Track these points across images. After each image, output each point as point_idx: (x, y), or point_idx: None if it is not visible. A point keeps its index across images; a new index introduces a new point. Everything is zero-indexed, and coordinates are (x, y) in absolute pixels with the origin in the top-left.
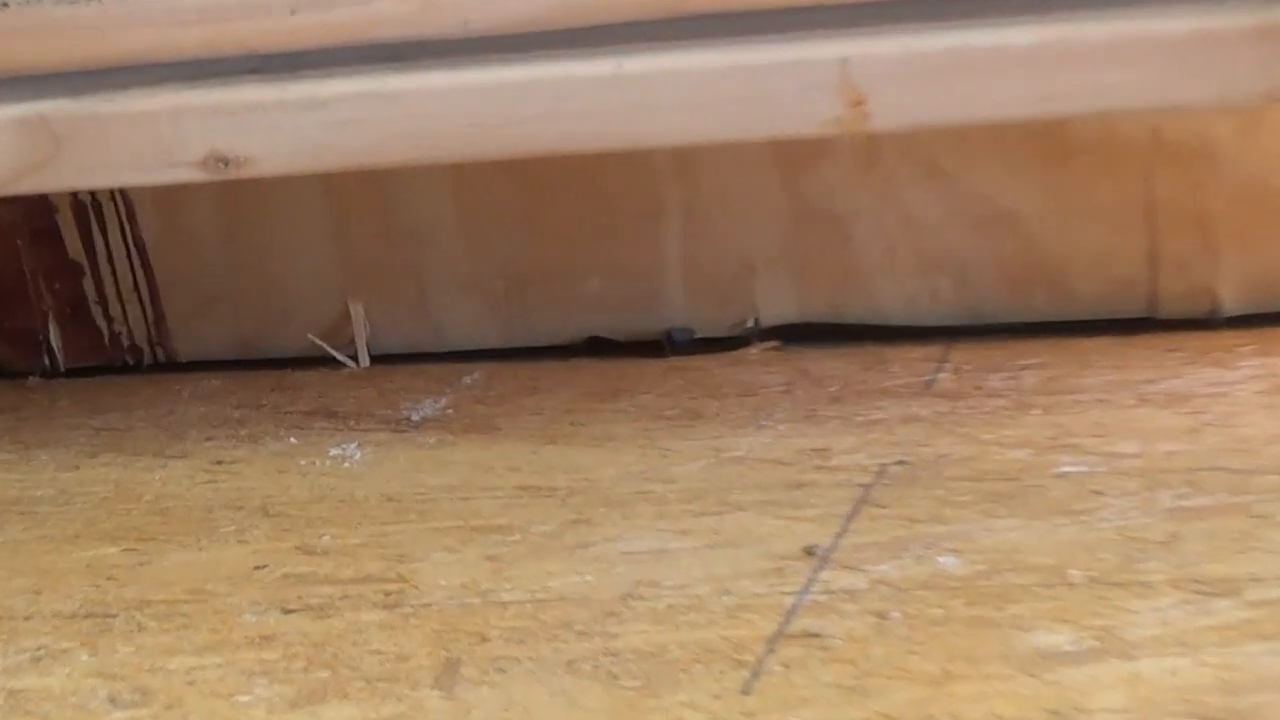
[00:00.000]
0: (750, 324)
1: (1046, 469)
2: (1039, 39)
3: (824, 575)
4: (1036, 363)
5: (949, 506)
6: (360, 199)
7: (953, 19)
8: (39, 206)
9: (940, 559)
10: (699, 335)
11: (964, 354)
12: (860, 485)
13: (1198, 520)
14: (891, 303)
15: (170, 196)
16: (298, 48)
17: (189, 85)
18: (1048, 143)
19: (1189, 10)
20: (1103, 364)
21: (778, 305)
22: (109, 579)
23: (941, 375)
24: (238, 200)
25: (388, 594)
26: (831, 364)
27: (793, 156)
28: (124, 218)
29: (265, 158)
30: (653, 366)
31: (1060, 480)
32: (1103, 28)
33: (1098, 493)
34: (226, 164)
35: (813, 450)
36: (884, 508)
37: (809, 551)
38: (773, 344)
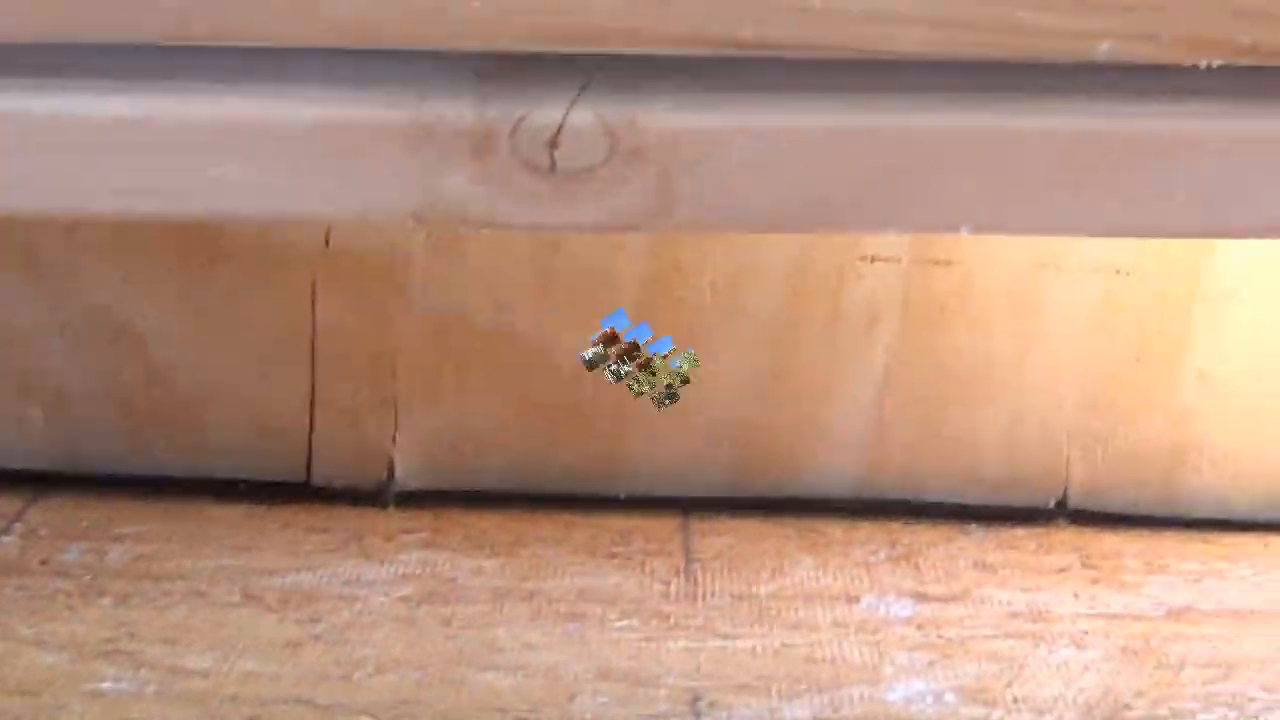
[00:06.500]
0: None
1: (82, 683)
2: (215, 115)
3: None
4: (137, 531)
5: None
6: None
7: None
8: None
9: None
10: None
11: (49, 511)
12: None
13: None
14: None
15: None
16: None
17: None
18: (185, 243)
19: (321, 96)
20: (226, 541)
21: None
22: None
23: (6, 540)
24: None
25: None
26: None
27: None
28: None
29: None
30: None
31: (92, 700)
32: (216, 109)
33: None
34: None
35: None
36: None
37: None
38: None
